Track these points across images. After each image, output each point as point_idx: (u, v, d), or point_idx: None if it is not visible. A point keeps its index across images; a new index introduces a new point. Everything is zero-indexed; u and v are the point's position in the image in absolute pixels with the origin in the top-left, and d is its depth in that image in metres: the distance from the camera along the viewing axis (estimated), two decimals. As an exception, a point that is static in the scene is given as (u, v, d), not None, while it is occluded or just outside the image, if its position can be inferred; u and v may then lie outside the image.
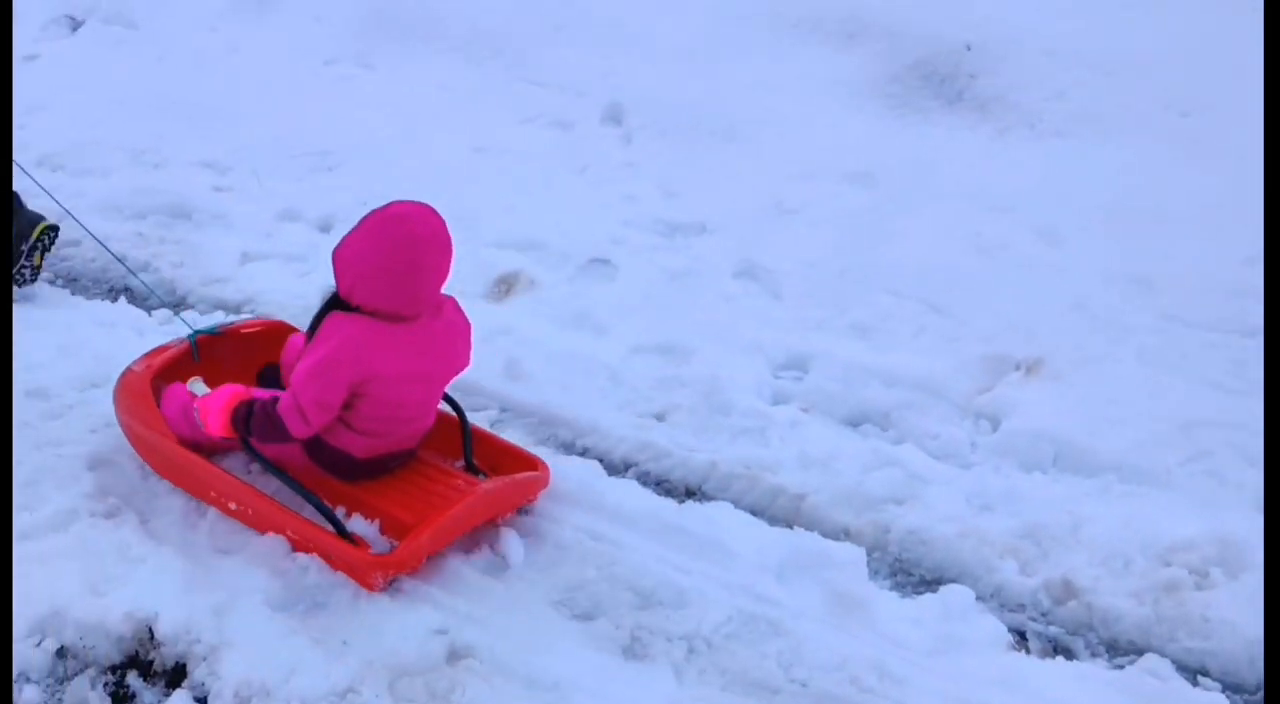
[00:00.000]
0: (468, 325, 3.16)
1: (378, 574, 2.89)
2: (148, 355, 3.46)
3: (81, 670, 2.78)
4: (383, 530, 3.06)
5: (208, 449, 3.16)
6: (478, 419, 3.77)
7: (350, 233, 2.92)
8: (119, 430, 3.33)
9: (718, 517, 3.37)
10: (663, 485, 3.60)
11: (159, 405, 3.21)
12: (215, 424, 3.04)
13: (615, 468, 3.67)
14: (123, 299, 4.44)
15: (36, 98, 5.79)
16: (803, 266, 4.52)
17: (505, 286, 4.46)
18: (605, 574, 3.11)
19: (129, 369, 3.39)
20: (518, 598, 3.02)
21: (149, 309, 4.37)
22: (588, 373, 4.01)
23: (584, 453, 3.72)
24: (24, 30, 6.43)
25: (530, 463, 3.29)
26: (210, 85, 5.81)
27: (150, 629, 2.82)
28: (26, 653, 2.78)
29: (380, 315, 2.90)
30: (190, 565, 2.98)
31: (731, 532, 3.28)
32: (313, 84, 5.75)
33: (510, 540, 3.16)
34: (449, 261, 2.96)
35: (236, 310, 4.36)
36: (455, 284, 4.36)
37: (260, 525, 3.01)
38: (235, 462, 3.21)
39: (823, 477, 3.55)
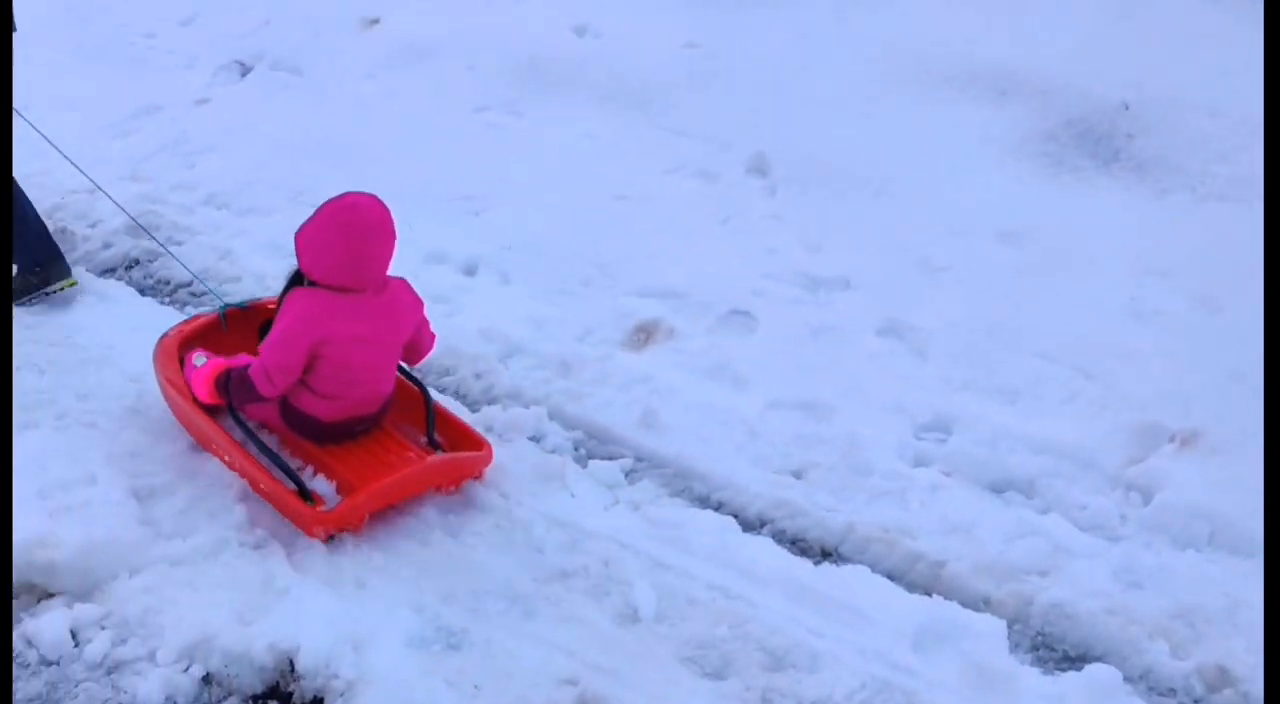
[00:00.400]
0: (417, 302, 3.60)
1: (318, 527, 3.28)
2: (181, 324, 3.96)
3: (225, 698, 2.85)
4: (339, 490, 3.44)
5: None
6: (611, 467, 3.80)
7: (310, 219, 3.38)
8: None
9: (854, 580, 3.31)
10: (798, 544, 3.55)
11: (183, 368, 3.69)
12: (202, 392, 3.56)
13: (750, 524, 3.63)
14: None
15: (206, 140, 6.06)
16: (949, 326, 4.44)
17: (644, 335, 4.47)
18: (737, 632, 3.09)
19: (165, 335, 3.86)
20: (648, 651, 3.01)
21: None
22: (725, 426, 3.99)
23: (719, 507, 3.70)
24: (197, 75, 6.77)
25: (477, 443, 3.61)
26: (367, 130, 6.00)
27: (291, 661, 2.89)
28: (175, 678, 2.87)
29: (332, 288, 3.35)
30: (333, 598, 3.05)
31: (868, 596, 3.22)
32: (463, 130, 5.89)
33: (642, 592, 3.16)
34: (392, 245, 3.42)
35: (383, 350, 4.46)
36: (597, 330, 4.47)
37: (243, 475, 3.45)
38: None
39: (964, 544, 3.46)
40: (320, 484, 3.47)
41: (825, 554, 3.51)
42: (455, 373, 4.31)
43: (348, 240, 3.31)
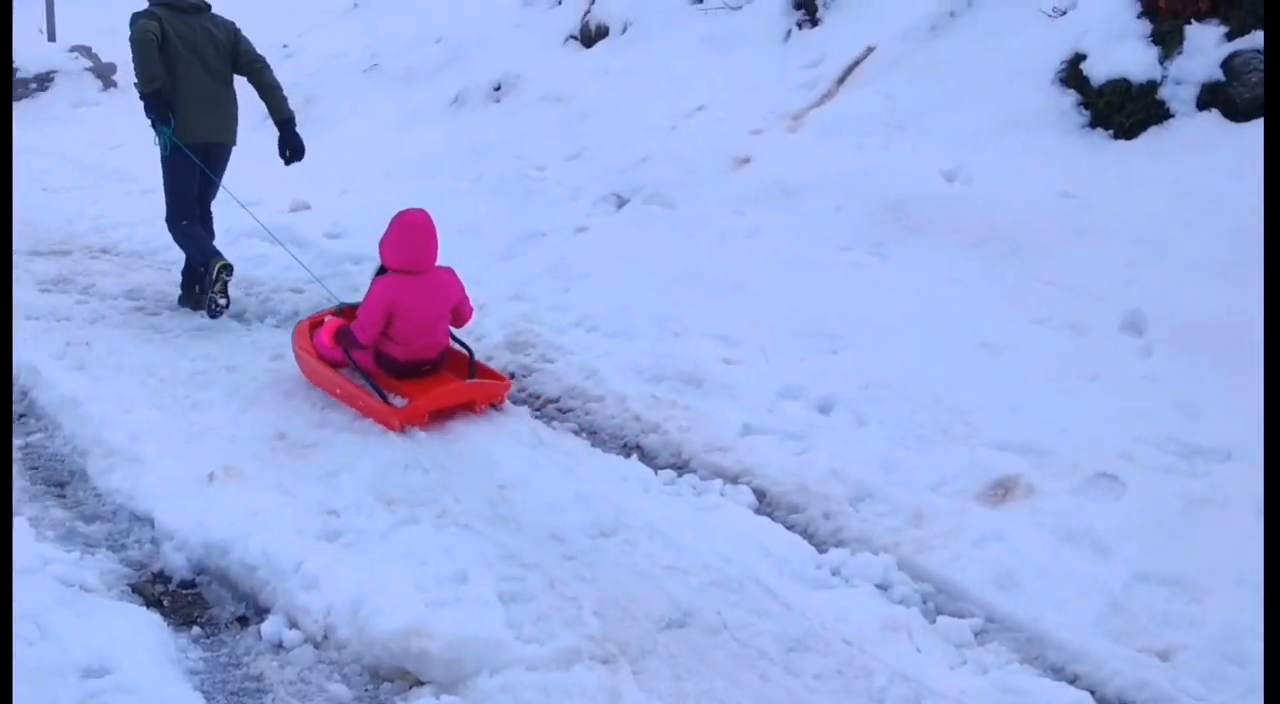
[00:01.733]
0: (458, 284, 5.19)
1: (394, 419, 4.82)
2: (310, 317, 5.64)
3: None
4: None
5: (339, 364, 5.20)
6: (960, 625, 3.68)
7: (385, 232, 5.06)
8: (626, 577, 3.67)
9: (1228, 781, 3.02)
10: (1162, 733, 3.29)
11: (312, 339, 5.35)
12: (326, 341, 5.19)
13: (1107, 702, 3.40)
14: (635, 456, 4.78)
15: (583, 265, 6.48)
16: (1346, 511, 4.03)
17: (1002, 491, 4.33)
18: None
19: (299, 322, 5.63)
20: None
21: (656, 468, 4.67)
22: (1084, 594, 3.78)
23: (1074, 680, 3.49)
24: (579, 206, 7.27)
25: (500, 378, 5.22)
26: (731, 263, 6.22)
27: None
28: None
29: (398, 272, 5.03)
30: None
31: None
32: (825, 269, 5.98)
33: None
34: (435, 242, 5.08)
35: (734, 480, 4.55)
36: (952, 480, 4.38)
37: (347, 400, 5.01)
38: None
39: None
40: (398, 401, 4.94)
41: (1194, 749, 3.23)
42: (804, 511, 4.32)
43: (408, 239, 5.00)
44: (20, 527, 4.05)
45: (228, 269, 6.22)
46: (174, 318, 6.38)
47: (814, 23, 7.94)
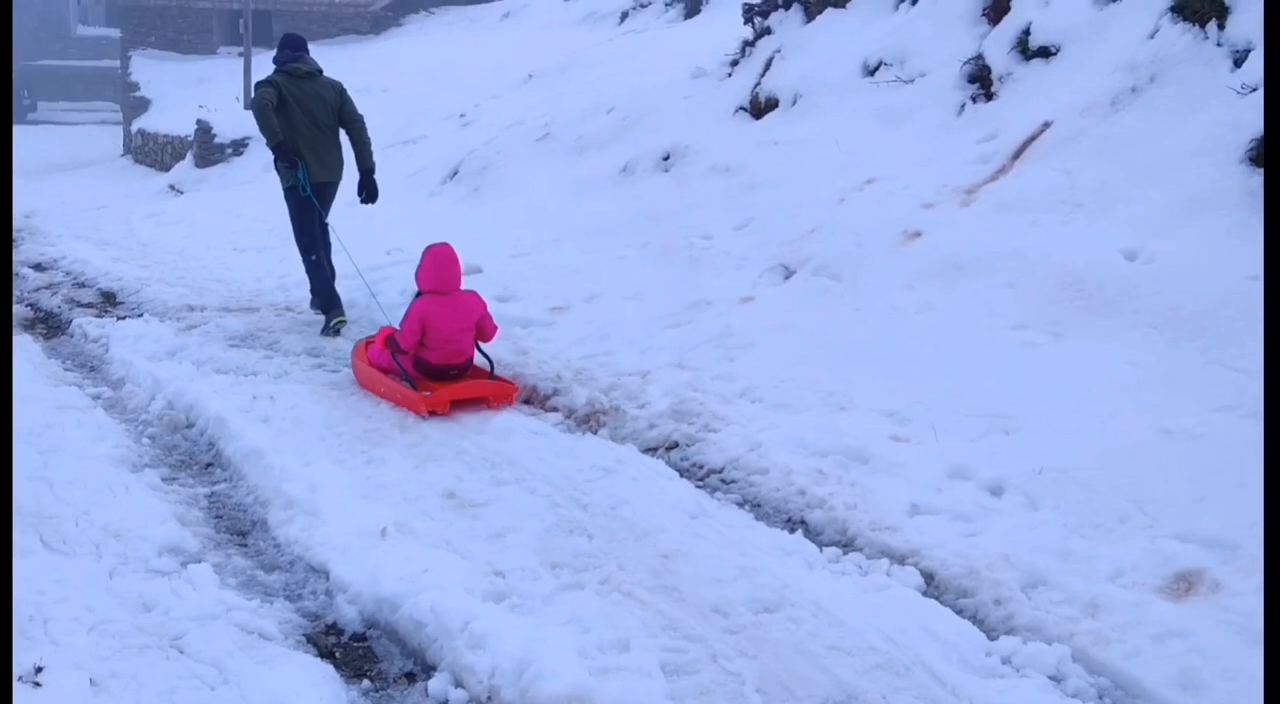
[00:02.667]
0: (480, 303, 6.35)
1: (421, 406, 5.93)
2: (365, 338, 6.80)
3: None
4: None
5: (385, 369, 6.28)
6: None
7: (419, 262, 6.27)
8: (790, 655, 3.67)
9: None
10: None
11: (366, 353, 6.53)
12: (378, 344, 6.34)
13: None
14: (799, 531, 4.73)
15: (749, 336, 6.49)
16: None
17: (1185, 585, 4.13)
18: None
19: (357, 344, 6.75)
20: None
21: (821, 545, 4.61)
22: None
23: (1265, 793, 3.28)
24: (745, 276, 7.30)
25: (511, 383, 6.29)
26: (900, 339, 6.14)
27: None
28: None
29: (430, 293, 6.17)
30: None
31: None
32: (998, 347, 5.85)
33: None
34: (458, 268, 6.25)
35: (901, 561, 4.45)
36: (1130, 571, 4.20)
37: (388, 396, 6.16)
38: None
39: None
40: (428, 395, 5.99)
41: None
42: (974, 596, 4.20)
43: (436, 266, 6.20)
44: (205, 572, 4.25)
45: (342, 324, 7.60)
46: (352, 375, 6.62)
47: (989, 97, 7.85)
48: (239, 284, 9.17)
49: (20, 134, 24.14)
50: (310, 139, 7.67)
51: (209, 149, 13.97)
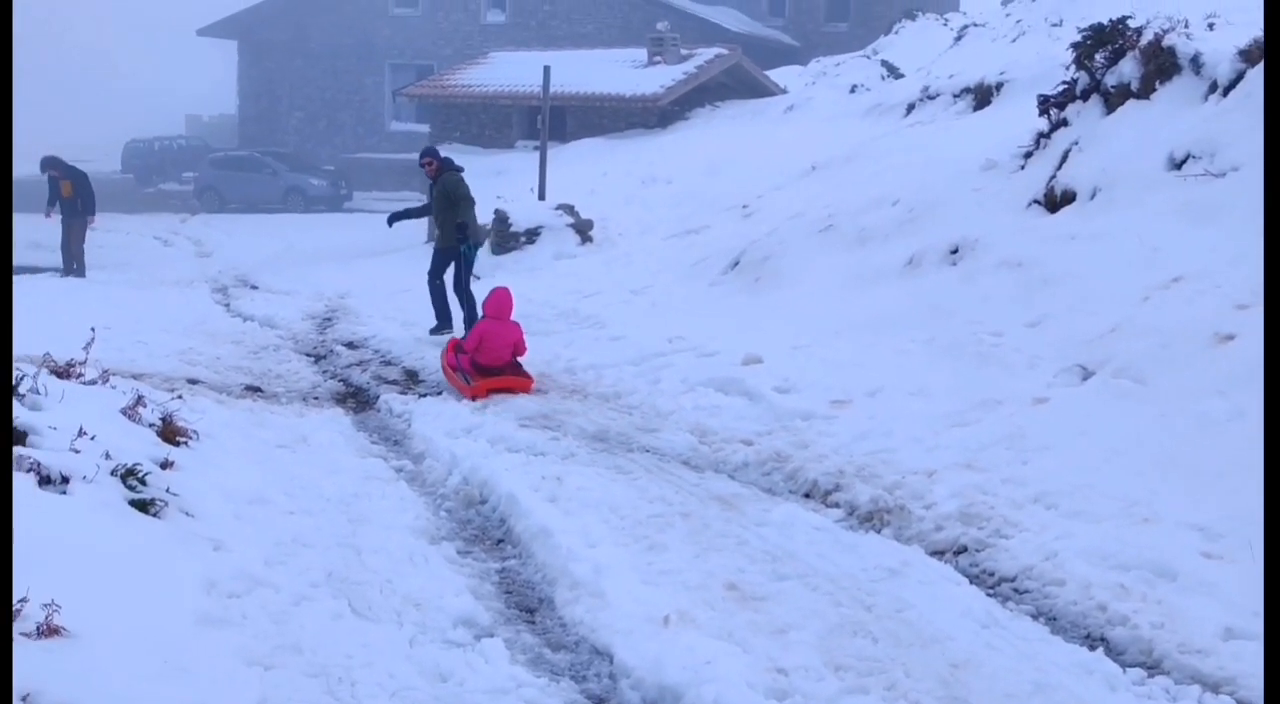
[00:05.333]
0: (519, 329, 8.96)
1: (468, 392, 8.48)
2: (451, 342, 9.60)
3: None
4: None
5: (453, 367, 9.05)
6: None
7: (485, 297, 9.15)
8: None
9: None
10: None
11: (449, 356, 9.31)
12: (450, 356, 9.17)
13: None
14: (1100, 649, 4.45)
15: (1043, 438, 6.22)
16: None
17: None
18: None
19: (443, 352, 9.49)
20: None
21: (1124, 665, 4.32)
22: None
23: None
24: (1038, 375, 7.02)
25: (530, 378, 8.70)
26: (1211, 448, 5.74)
27: None
28: None
29: (489, 318, 8.91)
30: None
31: None
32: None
33: None
34: (511, 305, 8.97)
35: (1215, 689, 4.12)
36: None
37: (453, 382, 8.93)
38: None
39: None
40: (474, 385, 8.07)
41: None
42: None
43: (496, 302, 8.88)
44: (497, 647, 4.39)
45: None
46: (637, 460, 6.77)
47: (1312, 191, 7.32)
48: (531, 366, 9.57)
49: (337, 220, 26.30)
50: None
51: (505, 237, 14.69)
